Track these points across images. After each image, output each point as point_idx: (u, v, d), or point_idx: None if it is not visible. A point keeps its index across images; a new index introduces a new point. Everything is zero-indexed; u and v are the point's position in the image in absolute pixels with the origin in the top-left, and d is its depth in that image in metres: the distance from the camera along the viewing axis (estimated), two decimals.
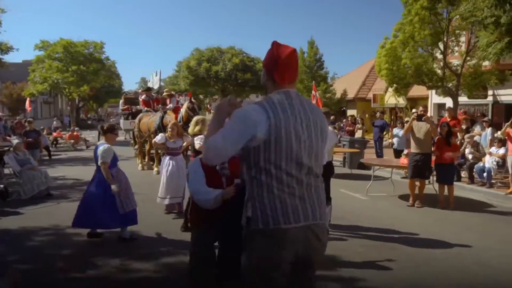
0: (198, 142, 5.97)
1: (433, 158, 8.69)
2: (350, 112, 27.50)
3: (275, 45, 2.40)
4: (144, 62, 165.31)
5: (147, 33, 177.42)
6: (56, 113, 50.61)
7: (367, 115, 21.10)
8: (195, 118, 6.62)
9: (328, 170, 6.26)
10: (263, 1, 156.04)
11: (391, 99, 24.03)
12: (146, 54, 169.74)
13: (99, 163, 5.86)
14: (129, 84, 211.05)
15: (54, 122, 21.59)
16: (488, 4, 8.85)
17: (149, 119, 13.34)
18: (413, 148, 8.63)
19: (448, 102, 18.75)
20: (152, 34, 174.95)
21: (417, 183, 8.68)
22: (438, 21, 14.67)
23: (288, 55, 2.33)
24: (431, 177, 9.43)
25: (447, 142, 8.47)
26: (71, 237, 6.27)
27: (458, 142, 11.70)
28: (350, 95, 26.94)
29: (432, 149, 8.66)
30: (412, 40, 14.49)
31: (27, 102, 23.89)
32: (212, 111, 37.42)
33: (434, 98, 20.49)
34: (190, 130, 6.33)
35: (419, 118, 8.65)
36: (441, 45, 15.19)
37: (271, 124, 2.18)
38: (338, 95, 25.05)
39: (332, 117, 20.17)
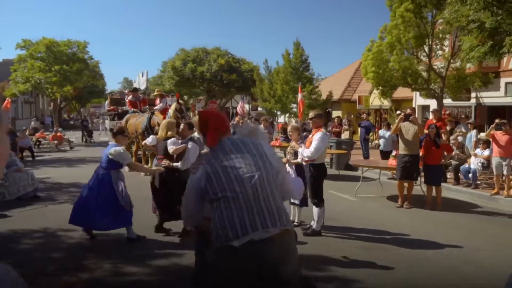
0: (171, 146, 5.97)
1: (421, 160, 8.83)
2: (336, 113, 27.66)
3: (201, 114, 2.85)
4: (127, 62, 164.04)
5: (131, 32, 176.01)
6: (37, 113, 49.76)
7: (352, 116, 21.24)
8: (164, 122, 6.63)
9: (321, 172, 6.32)
10: (249, 2, 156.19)
11: (376, 100, 24.27)
12: (130, 54, 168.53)
13: (126, 168, 5.97)
14: (112, 84, 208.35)
15: (32, 123, 21.10)
16: (475, 8, 9.00)
17: (136, 120, 13.22)
18: (402, 150, 8.74)
19: (432, 104, 19.02)
20: (136, 33, 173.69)
21: (406, 184, 8.79)
22: (423, 24, 14.90)
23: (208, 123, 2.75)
24: (418, 178, 9.56)
25: (435, 144, 8.60)
26: (61, 240, 6.18)
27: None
28: (336, 96, 27.12)
29: (420, 152, 8.78)
30: (399, 43, 14.69)
31: (5, 104, 23.37)
32: (196, 112, 37.49)
33: (419, 100, 20.79)
34: (160, 134, 6.35)
35: (406, 118, 8.76)
36: (426, 48, 15.42)
37: (207, 171, 2.56)
38: (323, 97, 25.17)
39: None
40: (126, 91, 20.43)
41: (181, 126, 6.39)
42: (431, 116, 14.85)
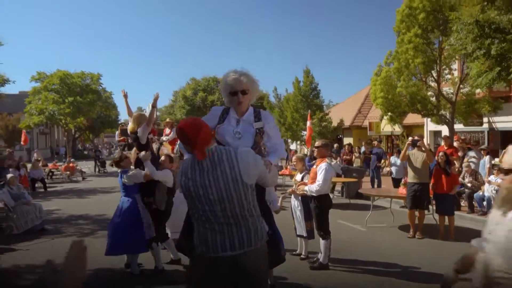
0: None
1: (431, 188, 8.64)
2: (347, 140, 27.55)
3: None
4: (140, 92, 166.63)
5: (143, 63, 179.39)
6: (53, 144, 50.49)
7: (363, 143, 21.15)
8: (135, 114, 6.46)
9: (325, 203, 6.19)
10: (258, 31, 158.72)
11: (387, 126, 24.14)
12: (143, 84, 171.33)
13: (142, 178, 5.87)
14: (126, 114, 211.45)
15: (35, 155, 21.45)
16: (473, 37, 9.03)
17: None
18: (410, 178, 8.57)
19: (444, 129, 18.83)
20: (147, 64, 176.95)
21: (417, 213, 8.59)
22: (431, 50, 14.89)
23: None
24: (430, 207, 9.35)
25: (446, 172, 8.42)
26: None
27: (457, 171, 11.69)
28: (346, 123, 27.06)
29: (431, 181, 8.60)
30: (406, 69, 14.67)
31: (23, 136, 23.77)
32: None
33: (430, 125, 20.59)
34: (130, 126, 6.30)
35: (414, 144, 8.62)
36: (434, 73, 15.36)
37: (183, 186, 2.73)
38: (334, 123, 25.12)
39: (336, 145, 20.13)
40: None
41: (162, 158, 6.35)
42: (442, 143, 14.67)
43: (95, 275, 6.03)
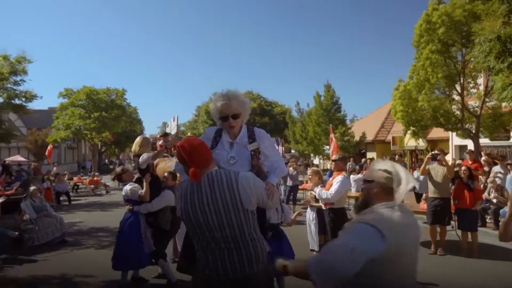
0: (143, 160, 5.91)
1: (453, 203, 8.40)
2: (370, 154, 27.22)
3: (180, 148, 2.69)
4: (165, 107, 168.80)
5: (167, 78, 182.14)
6: (79, 158, 51.58)
7: (388, 158, 20.89)
8: (139, 138, 6.43)
9: (341, 217, 6.09)
10: (279, 46, 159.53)
11: (411, 141, 23.72)
12: (167, 99, 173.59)
13: (137, 198, 5.91)
14: (152, 128, 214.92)
15: (54, 169, 22.50)
16: (496, 53, 8.86)
17: (165, 164, 13.35)
18: (431, 193, 8.36)
19: (470, 144, 18.38)
20: (171, 79, 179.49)
21: (438, 229, 8.35)
22: (453, 64, 14.61)
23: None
24: (452, 222, 9.07)
25: (468, 187, 8.19)
26: (78, 287, 6.15)
27: (482, 186, 11.34)
28: (369, 137, 26.77)
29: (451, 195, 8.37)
30: (428, 83, 14.44)
31: (48, 150, 24.37)
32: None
33: (455, 140, 20.15)
34: (133, 148, 6.28)
35: (434, 158, 8.42)
36: (458, 87, 15.06)
37: (182, 210, 2.72)
38: (357, 138, 24.89)
39: (351, 159, 19.92)
40: (158, 136, 20.88)
41: (165, 174, 6.38)
42: (467, 157, 14.29)
43: (107, 286, 6.08)
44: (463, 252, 8.08)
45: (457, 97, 15.33)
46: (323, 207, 6.12)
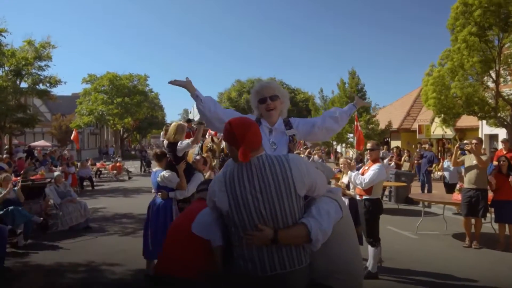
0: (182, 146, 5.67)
1: (490, 194, 8.00)
2: (394, 143, 26.61)
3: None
4: (186, 94, 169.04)
5: (189, 64, 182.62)
6: (102, 144, 52.20)
7: (413, 146, 20.38)
8: (173, 125, 6.14)
9: (376, 208, 5.80)
10: (304, 33, 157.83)
11: (438, 129, 23.08)
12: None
13: (174, 185, 5.66)
14: (172, 115, 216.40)
15: (66, 152, 23.05)
16: None
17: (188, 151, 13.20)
18: (466, 183, 7.96)
19: (501, 133, 17.69)
20: (194, 65, 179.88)
21: (473, 221, 7.97)
22: (489, 49, 13.93)
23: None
24: (488, 215, 8.67)
25: (508, 178, 7.76)
26: (104, 275, 6.03)
27: None
28: (394, 125, 26.15)
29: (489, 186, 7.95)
30: (461, 69, 13.80)
31: (73, 134, 24.58)
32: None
33: (485, 128, 19.45)
34: (168, 136, 6.00)
35: (461, 148, 8.03)
36: (492, 74, 14.40)
37: (228, 194, 2.41)
38: (382, 126, 24.32)
39: (384, 147, 19.44)
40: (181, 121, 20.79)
41: (197, 157, 6.24)
42: (500, 146, 13.71)
43: (134, 275, 5.94)
44: (499, 246, 7.70)
45: (491, 84, 14.67)
46: (358, 197, 5.82)
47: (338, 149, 31.07)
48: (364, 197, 5.77)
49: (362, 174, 5.77)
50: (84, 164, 18.58)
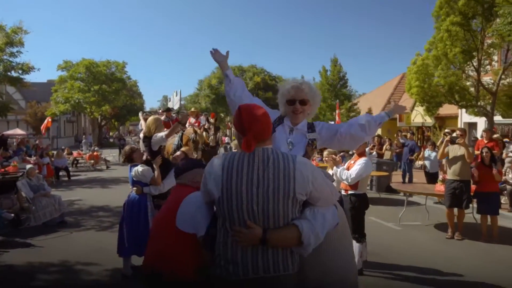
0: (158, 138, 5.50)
1: (473, 185, 7.97)
2: None
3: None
4: (165, 80, 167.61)
5: (169, 51, 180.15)
6: (79, 132, 51.10)
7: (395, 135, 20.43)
8: (151, 119, 5.95)
9: (362, 204, 5.64)
10: (285, 20, 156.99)
11: (418, 117, 23.22)
12: (168, 73, 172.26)
13: (148, 181, 5.41)
14: (152, 102, 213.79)
15: (37, 142, 23.11)
16: None
17: (168, 141, 12.87)
18: (450, 175, 7.90)
19: (480, 121, 17.86)
20: (173, 53, 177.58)
21: (456, 212, 7.94)
22: (472, 38, 13.84)
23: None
24: (470, 205, 8.66)
25: (491, 170, 7.71)
26: (79, 276, 5.72)
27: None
28: (375, 113, 26.20)
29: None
30: (445, 58, 13.70)
31: (45, 122, 23.69)
32: (232, 128, 37.32)
33: (465, 117, 19.61)
34: (145, 130, 5.82)
35: (453, 142, 7.96)
36: (474, 63, 14.39)
37: (222, 188, 2.24)
38: (363, 114, 24.34)
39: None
40: (160, 111, 20.31)
41: (177, 153, 6.00)
42: (480, 136, 13.81)
43: (111, 276, 5.68)
44: (482, 237, 7.68)
45: (472, 73, 14.66)
46: (343, 192, 5.65)
47: None
48: (349, 192, 5.60)
49: (348, 168, 5.59)
50: (60, 154, 18.09)
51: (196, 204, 2.58)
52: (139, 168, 5.40)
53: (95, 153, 22.77)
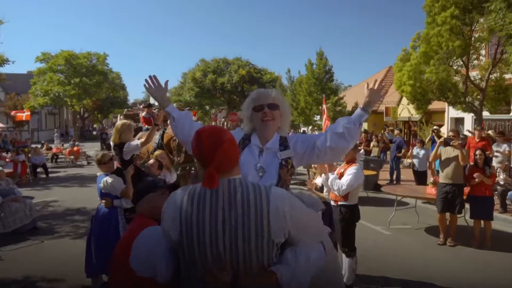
0: (129, 147, 5.06)
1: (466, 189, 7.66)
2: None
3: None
4: (149, 72, 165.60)
5: (152, 43, 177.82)
6: (61, 124, 49.98)
7: (382, 130, 20.17)
8: (118, 124, 5.46)
9: (353, 215, 5.25)
10: (270, 12, 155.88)
11: (404, 112, 23.02)
12: (151, 64, 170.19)
13: (119, 193, 4.92)
14: (136, 93, 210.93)
15: (8, 134, 22.19)
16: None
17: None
18: (442, 178, 7.58)
19: (467, 117, 17.67)
20: (157, 44, 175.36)
21: (448, 217, 7.64)
22: (471, 32, 13.38)
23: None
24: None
25: (484, 173, 7.41)
26: None
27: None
28: None
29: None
30: (440, 51, 13.18)
31: (24, 115, 22.85)
32: (218, 120, 36.70)
33: (451, 112, 19.41)
34: (113, 138, 5.31)
35: (447, 143, 7.64)
36: (463, 58, 14.10)
37: (182, 226, 1.84)
38: (349, 108, 24.01)
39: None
40: (141, 106, 19.70)
41: (151, 161, 5.70)
42: (465, 131, 13.55)
43: None
44: (474, 242, 7.40)
45: (461, 69, 14.35)
46: (333, 203, 5.25)
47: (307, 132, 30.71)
48: (339, 203, 5.21)
49: (339, 176, 5.19)
50: (38, 151, 17.40)
51: (153, 241, 2.04)
52: (108, 179, 4.88)
53: (75, 148, 22.08)
